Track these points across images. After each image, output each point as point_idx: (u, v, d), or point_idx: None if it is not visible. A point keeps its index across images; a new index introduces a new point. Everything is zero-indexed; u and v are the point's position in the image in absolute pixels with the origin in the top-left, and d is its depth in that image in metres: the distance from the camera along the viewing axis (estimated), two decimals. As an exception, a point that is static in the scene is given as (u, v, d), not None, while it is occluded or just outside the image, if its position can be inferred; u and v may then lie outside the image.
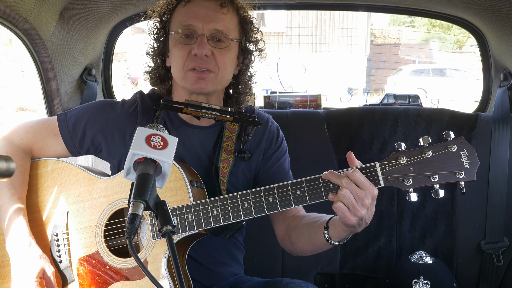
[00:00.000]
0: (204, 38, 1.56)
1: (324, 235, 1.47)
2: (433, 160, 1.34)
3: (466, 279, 2.39)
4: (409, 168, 1.35)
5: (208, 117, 1.61)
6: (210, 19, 1.57)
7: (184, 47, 1.58)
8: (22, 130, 1.70)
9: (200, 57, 1.55)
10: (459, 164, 1.34)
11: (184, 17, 1.59)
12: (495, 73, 2.52)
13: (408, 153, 1.36)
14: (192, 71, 1.57)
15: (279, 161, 1.76)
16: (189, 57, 1.57)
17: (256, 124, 1.65)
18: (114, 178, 1.61)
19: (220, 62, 1.59)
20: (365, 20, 14.59)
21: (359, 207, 1.32)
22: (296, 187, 1.42)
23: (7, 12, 1.91)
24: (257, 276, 1.81)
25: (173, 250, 1.11)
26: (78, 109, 1.74)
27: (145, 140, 1.21)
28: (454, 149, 1.34)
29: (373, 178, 1.36)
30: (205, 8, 1.59)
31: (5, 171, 0.99)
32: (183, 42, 1.58)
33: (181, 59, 1.58)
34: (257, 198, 1.44)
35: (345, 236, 1.45)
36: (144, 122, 1.67)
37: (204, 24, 1.56)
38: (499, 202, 2.33)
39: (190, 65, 1.57)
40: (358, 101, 11.96)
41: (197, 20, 1.57)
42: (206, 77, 1.58)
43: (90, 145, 1.70)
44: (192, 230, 1.48)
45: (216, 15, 1.58)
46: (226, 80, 1.66)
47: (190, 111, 1.59)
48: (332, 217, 1.49)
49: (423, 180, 1.35)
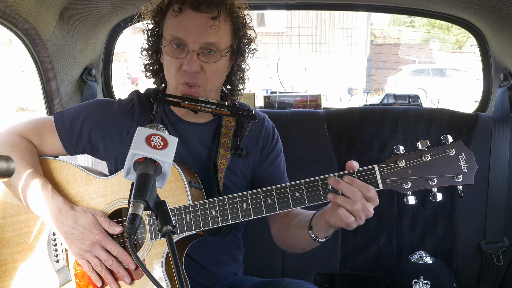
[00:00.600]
0: (194, 55, 1.55)
1: (310, 235, 1.50)
2: (431, 164, 1.35)
3: (466, 279, 2.39)
4: (407, 171, 1.36)
5: (206, 111, 1.61)
6: (201, 34, 1.55)
7: (176, 61, 1.58)
8: (19, 125, 1.70)
9: (190, 73, 1.56)
10: (457, 168, 1.35)
11: (175, 29, 1.57)
12: (495, 73, 2.52)
13: (406, 156, 1.37)
14: (183, 84, 1.59)
15: (275, 162, 1.77)
16: (180, 71, 1.58)
17: (253, 118, 1.65)
18: (112, 178, 1.61)
19: (210, 75, 1.59)
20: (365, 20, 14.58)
21: (361, 215, 1.36)
22: (295, 189, 1.42)
23: (7, 12, 1.91)
24: (257, 276, 1.81)
25: (173, 250, 1.11)
26: (75, 107, 1.74)
27: (145, 140, 1.21)
28: (452, 153, 1.35)
29: (371, 181, 1.37)
30: (196, 21, 1.55)
31: (5, 171, 0.99)
32: (173, 55, 1.58)
33: (173, 69, 1.59)
34: (256, 199, 1.45)
35: (330, 232, 1.49)
36: (141, 119, 1.68)
37: (195, 38, 1.54)
38: (499, 202, 2.32)
39: (181, 79, 1.59)
40: (358, 101, 11.98)
41: (187, 34, 1.55)
42: (197, 91, 1.60)
43: (87, 143, 1.69)
44: (190, 231, 1.48)
45: (207, 29, 1.55)
46: (217, 86, 1.68)
47: (187, 104, 1.59)
48: (313, 217, 1.51)
49: (421, 183, 1.36)
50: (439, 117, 2.42)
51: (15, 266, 1.64)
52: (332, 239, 2.37)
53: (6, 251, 1.64)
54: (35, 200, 1.56)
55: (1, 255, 1.64)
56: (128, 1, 2.31)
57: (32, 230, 1.62)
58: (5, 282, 1.63)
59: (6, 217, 1.65)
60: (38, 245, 1.61)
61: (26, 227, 1.63)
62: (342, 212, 1.35)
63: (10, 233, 1.64)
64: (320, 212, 1.50)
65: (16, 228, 1.64)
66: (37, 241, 1.60)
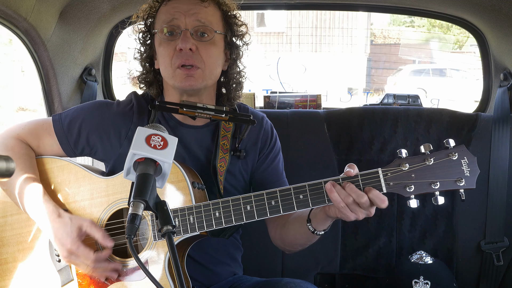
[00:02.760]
0: (187, 33, 1.57)
1: (309, 228, 1.52)
2: (434, 168, 1.36)
3: (466, 279, 2.39)
4: (411, 175, 1.37)
5: (204, 117, 1.62)
6: (192, 12, 1.58)
7: (169, 44, 1.59)
8: (17, 127, 1.70)
9: (185, 52, 1.56)
10: (460, 172, 1.36)
11: (167, 14, 1.61)
12: (495, 73, 2.52)
13: (410, 160, 1.38)
14: (180, 68, 1.57)
15: (273, 162, 1.77)
16: (175, 54, 1.58)
17: (251, 123, 1.65)
18: (114, 178, 1.60)
19: (206, 56, 1.59)
20: (365, 20, 14.58)
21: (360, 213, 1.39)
22: (299, 191, 1.42)
23: (7, 12, 1.91)
24: (257, 276, 1.81)
25: (173, 250, 1.11)
26: (73, 109, 1.73)
27: (145, 140, 1.21)
28: (455, 157, 1.36)
29: (375, 184, 1.38)
30: (186, 2, 1.60)
31: (5, 171, 0.99)
32: (167, 39, 1.59)
33: (168, 57, 1.59)
34: (260, 201, 1.44)
35: (328, 224, 1.50)
36: (139, 122, 1.68)
37: (186, 17, 1.57)
38: (499, 202, 2.33)
39: (177, 62, 1.57)
40: (358, 101, 11.97)
41: (179, 14, 1.58)
42: (194, 73, 1.58)
43: (85, 145, 1.69)
44: (193, 232, 1.47)
45: (197, 7, 1.59)
46: (215, 75, 1.66)
47: (185, 111, 1.60)
48: (312, 210, 1.52)
49: (424, 187, 1.37)
50: (439, 117, 2.42)
51: (16, 265, 1.63)
52: (332, 239, 2.38)
53: (6, 250, 1.64)
54: (28, 205, 1.57)
55: (1, 254, 1.63)
56: (128, 1, 2.31)
57: (32, 229, 1.62)
58: (5, 281, 1.63)
59: (6, 215, 1.65)
60: (39, 244, 1.61)
61: (26, 226, 1.63)
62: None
63: (11, 232, 1.64)
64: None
65: (17, 227, 1.64)
66: (38, 241, 1.60)
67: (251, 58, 1.77)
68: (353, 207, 1.36)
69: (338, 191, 1.36)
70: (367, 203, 1.36)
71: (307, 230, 1.52)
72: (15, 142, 1.65)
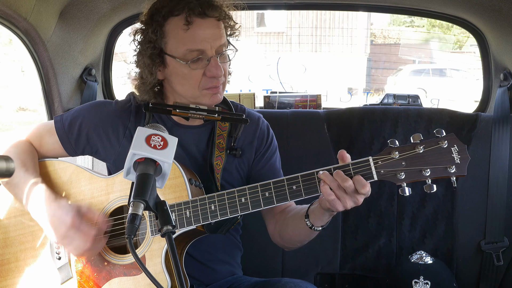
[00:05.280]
0: (216, 60, 1.58)
1: (306, 223, 1.54)
2: (424, 155, 1.38)
3: (466, 279, 2.39)
4: (401, 162, 1.39)
5: (197, 117, 1.64)
6: (215, 38, 1.58)
7: (196, 69, 1.58)
8: (22, 132, 1.76)
9: (216, 78, 1.59)
10: (450, 159, 1.38)
11: (192, 43, 1.55)
12: (495, 73, 2.52)
13: (400, 149, 1.40)
14: (207, 89, 1.60)
15: (270, 160, 1.79)
16: (204, 79, 1.59)
17: (244, 122, 1.68)
18: (114, 177, 1.63)
19: (226, 74, 1.65)
20: (365, 20, 14.60)
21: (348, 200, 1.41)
22: (292, 182, 1.45)
23: (7, 12, 1.92)
24: (256, 276, 1.81)
25: (173, 250, 1.12)
26: (74, 110, 1.78)
27: (145, 140, 1.22)
28: (445, 145, 1.38)
29: (366, 172, 1.40)
30: (208, 28, 1.57)
31: (5, 171, 0.99)
32: (195, 67, 1.57)
33: (195, 80, 1.59)
34: (254, 193, 1.47)
35: (326, 220, 1.52)
36: (137, 122, 1.70)
37: (212, 44, 1.57)
38: (499, 202, 2.32)
39: (206, 85, 1.60)
40: (358, 101, 11.97)
41: (205, 43, 1.56)
42: (219, 90, 1.63)
43: (86, 144, 1.72)
44: (190, 226, 1.49)
45: (218, 32, 1.59)
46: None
47: (178, 112, 1.62)
48: (310, 206, 1.55)
49: (415, 174, 1.39)
50: (439, 117, 2.42)
51: (18, 264, 1.65)
52: (332, 239, 2.38)
53: (9, 250, 1.66)
54: (24, 194, 1.59)
55: (4, 254, 1.66)
56: (128, 1, 2.31)
57: (35, 229, 1.63)
58: (7, 280, 1.65)
59: (10, 217, 1.68)
60: (40, 243, 1.62)
61: (29, 227, 1.65)
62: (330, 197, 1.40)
63: (14, 233, 1.67)
64: (316, 201, 1.54)
65: (20, 228, 1.67)
66: (39, 240, 1.62)
67: (251, 58, 1.77)
68: (338, 192, 1.38)
69: (325, 177, 1.40)
70: (351, 187, 1.37)
71: (305, 225, 1.54)
72: (20, 141, 1.72)
